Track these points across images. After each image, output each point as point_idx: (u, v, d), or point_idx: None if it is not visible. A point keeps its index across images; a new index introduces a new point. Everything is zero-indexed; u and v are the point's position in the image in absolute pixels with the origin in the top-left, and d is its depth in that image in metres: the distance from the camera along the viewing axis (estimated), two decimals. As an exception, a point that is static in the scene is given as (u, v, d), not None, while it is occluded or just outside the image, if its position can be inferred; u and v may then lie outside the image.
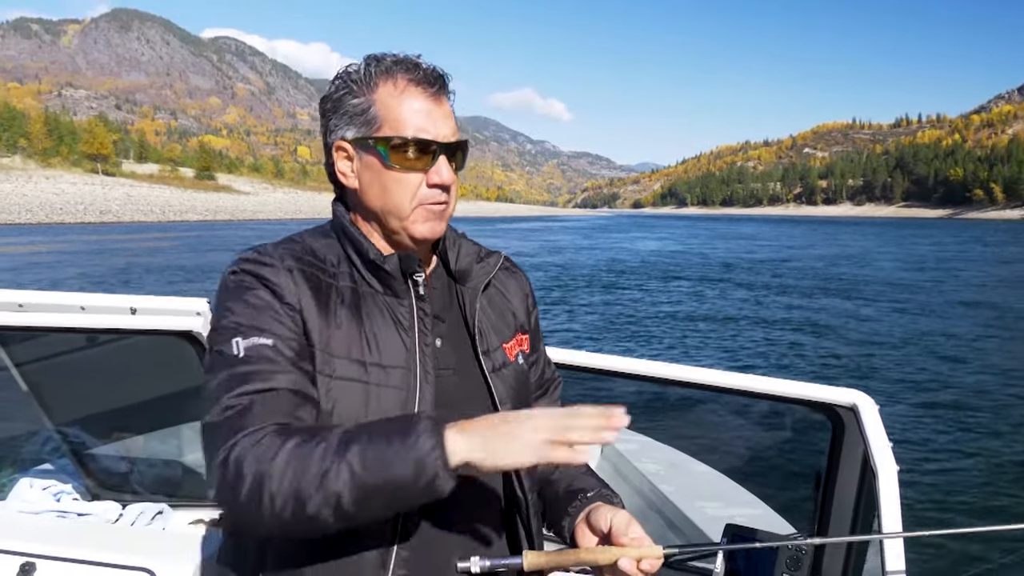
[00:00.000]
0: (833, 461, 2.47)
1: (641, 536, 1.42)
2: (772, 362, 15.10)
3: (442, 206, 1.54)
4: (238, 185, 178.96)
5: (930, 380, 13.26)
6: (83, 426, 3.12)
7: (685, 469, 4.08)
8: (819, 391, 2.34)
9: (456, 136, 1.53)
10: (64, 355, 2.88)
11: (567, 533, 1.60)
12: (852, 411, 2.28)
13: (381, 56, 1.53)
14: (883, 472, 1.96)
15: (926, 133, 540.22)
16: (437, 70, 1.53)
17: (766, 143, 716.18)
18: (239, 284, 1.46)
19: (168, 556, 2.39)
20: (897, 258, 46.39)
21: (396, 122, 1.49)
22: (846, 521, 2.47)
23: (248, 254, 1.50)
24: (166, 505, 3.03)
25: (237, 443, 1.29)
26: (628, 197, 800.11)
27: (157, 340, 2.61)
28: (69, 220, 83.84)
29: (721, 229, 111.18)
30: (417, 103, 1.49)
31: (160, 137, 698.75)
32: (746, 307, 23.71)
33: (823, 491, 2.52)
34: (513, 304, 1.75)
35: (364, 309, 1.50)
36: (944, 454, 9.07)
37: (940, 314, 21.96)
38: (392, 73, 1.50)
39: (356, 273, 1.54)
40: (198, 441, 3.49)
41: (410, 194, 1.51)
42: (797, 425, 3.19)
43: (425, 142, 1.49)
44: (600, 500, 1.60)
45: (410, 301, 1.54)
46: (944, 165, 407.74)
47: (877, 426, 2.14)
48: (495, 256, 1.73)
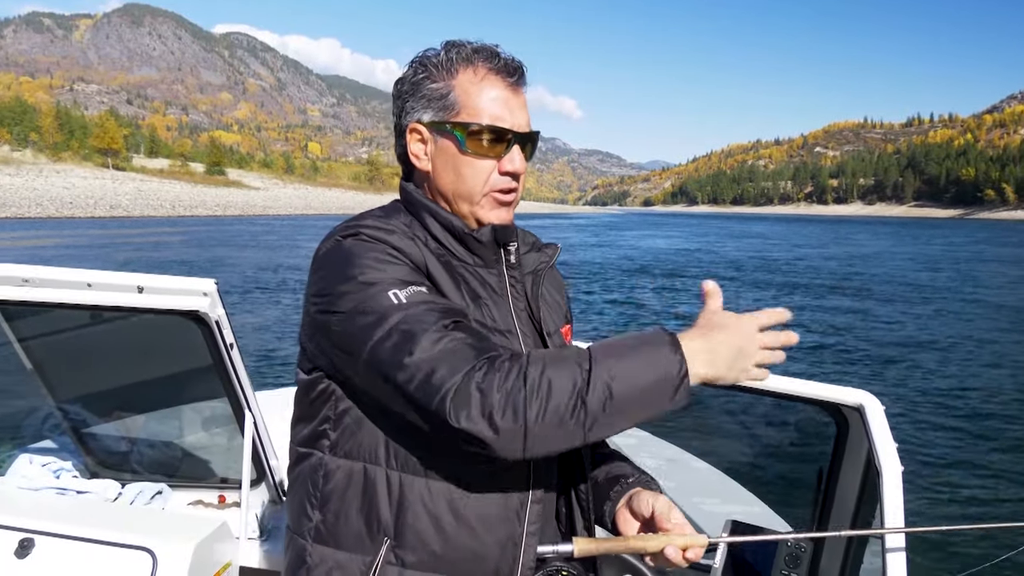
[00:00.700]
0: (836, 461, 2.46)
1: (682, 522, 1.45)
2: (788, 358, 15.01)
3: (511, 194, 1.58)
4: (248, 181, 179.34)
5: (937, 382, 13.21)
6: (84, 404, 3.11)
7: (684, 466, 4.07)
8: (826, 390, 2.33)
9: (530, 127, 1.56)
10: (68, 332, 2.87)
11: (608, 518, 1.63)
12: (858, 411, 2.26)
13: (461, 43, 1.54)
14: (887, 472, 1.97)
15: (938, 133, 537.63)
16: (516, 60, 1.55)
17: (777, 142, 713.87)
18: (366, 247, 1.44)
19: (168, 536, 2.38)
20: (909, 258, 46.27)
21: (474, 109, 1.51)
22: (846, 521, 2.45)
23: (362, 221, 1.50)
24: (165, 485, 3.03)
25: (462, 378, 1.28)
26: (638, 195, 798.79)
27: (163, 320, 2.59)
28: (79, 214, 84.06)
29: (732, 228, 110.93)
30: (495, 91, 1.52)
31: (171, 132, 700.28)
32: (756, 305, 23.58)
33: (824, 490, 2.51)
34: (557, 293, 1.80)
35: (470, 279, 1.55)
36: (948, 456, 9.04)
37: (951, 316, 21.90)
38: (473, 61, 1.52)
39: (441, 246, 1.56)
40: (199, 422, 3.55)
41: (482, 180, 1.54)
42: (799, 424, 3.17)
43: (501, 130, 1.51)
44: (640, 486, 1.63)
45: (500, 269, 1.59)
46: (956, 165, 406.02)
47: (883, 427, 2.13)
48: (552, 247, 1.77)
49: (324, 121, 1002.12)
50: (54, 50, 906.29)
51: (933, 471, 8.50)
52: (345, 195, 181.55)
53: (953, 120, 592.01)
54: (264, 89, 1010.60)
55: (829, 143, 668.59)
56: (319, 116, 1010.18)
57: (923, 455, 8.94)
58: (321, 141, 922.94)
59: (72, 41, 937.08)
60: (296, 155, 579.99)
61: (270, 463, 2.87)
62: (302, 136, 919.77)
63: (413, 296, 1.37)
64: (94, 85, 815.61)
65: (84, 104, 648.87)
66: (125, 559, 2.30)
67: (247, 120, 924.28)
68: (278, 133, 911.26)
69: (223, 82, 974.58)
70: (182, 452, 3.29)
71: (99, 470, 3.11)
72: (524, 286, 1.65)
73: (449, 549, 1.45)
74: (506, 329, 1.53)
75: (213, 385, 2.72)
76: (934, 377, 13.53)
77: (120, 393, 3.14)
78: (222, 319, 2.52)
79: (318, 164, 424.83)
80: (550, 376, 1.27)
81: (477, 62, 1.53)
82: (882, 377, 13.51)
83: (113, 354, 3.02)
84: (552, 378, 1.27)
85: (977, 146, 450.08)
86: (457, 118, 1.52)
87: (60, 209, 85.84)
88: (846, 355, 15.61)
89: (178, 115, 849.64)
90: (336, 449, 1.50)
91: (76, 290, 2.56)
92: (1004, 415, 11.12)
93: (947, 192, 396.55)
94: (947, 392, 12.39)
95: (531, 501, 1.48)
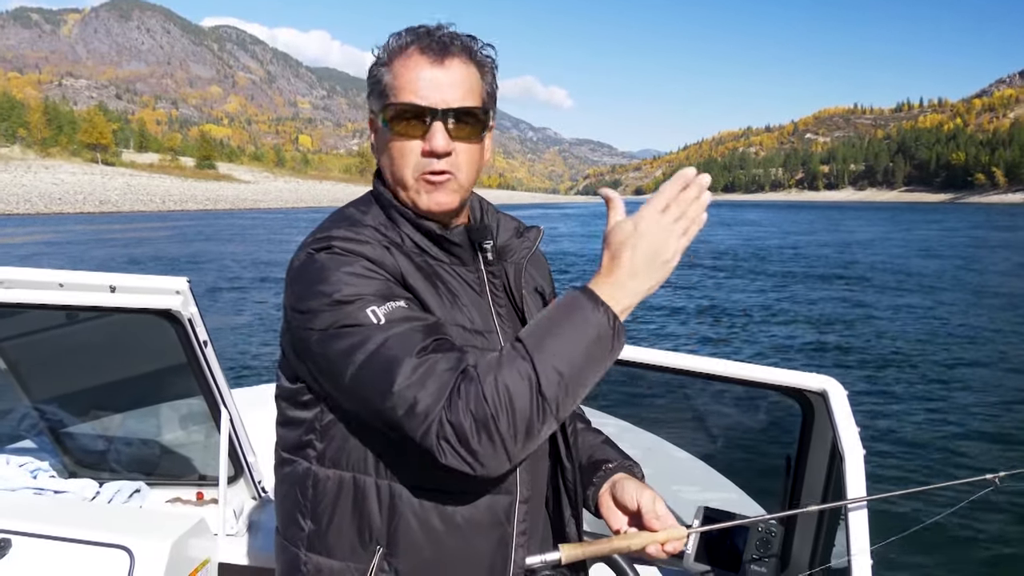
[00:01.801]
0: (803, 446, 2.49)
1: (666, 515, 1.45)
2: (760, 348, 15.16)
3: (441, 176, 1.48)
4: (239, 174, 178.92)
5: (906, 366, 13.32)
6: (61, 403, 3.11)
7: (662, 453, 4.09)
8: (790, 376, 2.36)
9: (464, 103, 1.46)
10: (42, 332, 2.87)
11: (592, 503, 1.64)
12: (822, 396, 2.29)
13: (408, 28, 1.51)
14: (850, 456, 1.99)
15: (928, 117, 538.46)
16: (445, 35, 1.48)
17: (768, 129, 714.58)
18: (338, 261, 1.40)
19: (145, 534, 2.39)
20: (902, 245, 46.22)
21: (399, 90, 1.45)
22: (815, 503, 2.48)
23: (334, 232, 1.45)
24: (143, 483, 3.03)
25: (441, 409, 1.29)
26: (630, 184, 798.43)
27: (136, 318, 2.59)
28: (68, 210, 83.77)
29: (724, 215, 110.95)
30: (419, 70, 1.45)
31: (161, 126, 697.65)
32: (743, 295, 23.71)
33: (793, 475, 2.53)
34: (542, 277, 1.76)
35: (448, 280, 1.51)
36: (914, 439, 9.22)
37: (942, 304, 21.93)
38: (407, 43, 1.47)
39: (416, 246, 1.52)
40: (176, 420, 3.55)
41: (410, 163, 1.47)
42: (771, 410, 3.20)
43: (416, 107, 1.44)
44: (622, 471, 1.63)
45: (478, 267, 1.56)
46: (946, 149, 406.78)
47: (846, 411, 2.16)
48: (534, 230, 1.72)
49: (314, 113, 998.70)
50: (42, 45, 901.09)
51: (899, 453, 8.69)
52: (336, 187, 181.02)
53: (942, 105, 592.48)
54: (254, 82, 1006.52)
55: (819, 129, 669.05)
56: (309, 108, 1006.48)
57: (891, 438, 9.14)
58: (312, 134, 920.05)
59: (60, 36, 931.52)
60: (287, 148, 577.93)
61: (247, 460, 2.88)
62: (292, 129, 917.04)
63: (392, 313, 1.35)
64: (83, 80, 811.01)
65: (73, 99, 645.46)
66: (102, 558, 2.30)
67: (237, 113, 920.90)
68: (268, 126, 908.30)
69: (212, 75, 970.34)
70: (160, 450, 3.29)
71: (77, 470, 3.11)
72: (506, 279, 1.62)
73: (441, 555, 1.45)
74: (486, 330, 1.50)
75: (189, 383, 2.72)
76: (904, 361, 13.69)
77: (96, 392, 3.14)
78: (195, 317, 2.52)
79: (309, 157, 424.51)
80: (505, 383, 1.27)
81: (410, 44, 1.47)
82: (856, 361, 13.64)
83: (88, 353, 3.02)
84: (508, 384, 1.27)
85: (967, 130, 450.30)
86: (388, 102, 1.47)
87: (49, 205, 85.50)
88: (821, 342, 15.70)
89: (168, 109, 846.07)
90: (324, 459, 1.49)
91: (48, 291, 2.56)
92: (978, 390, 11.44)
93: (937, 176, 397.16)
94: (913, 376, 12.54)
95: (519, 501, 1.47)
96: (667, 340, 15.74)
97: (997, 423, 9.71)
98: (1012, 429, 9.37)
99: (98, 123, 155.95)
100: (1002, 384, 11.56)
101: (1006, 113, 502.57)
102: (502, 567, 1.48)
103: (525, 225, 1.73)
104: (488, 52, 1.54)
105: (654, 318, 18.47)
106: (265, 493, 2.92)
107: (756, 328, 17.19)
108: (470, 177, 1.52)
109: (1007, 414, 10.02)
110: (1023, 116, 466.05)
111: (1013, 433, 9.21)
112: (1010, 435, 9.14)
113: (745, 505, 3.30)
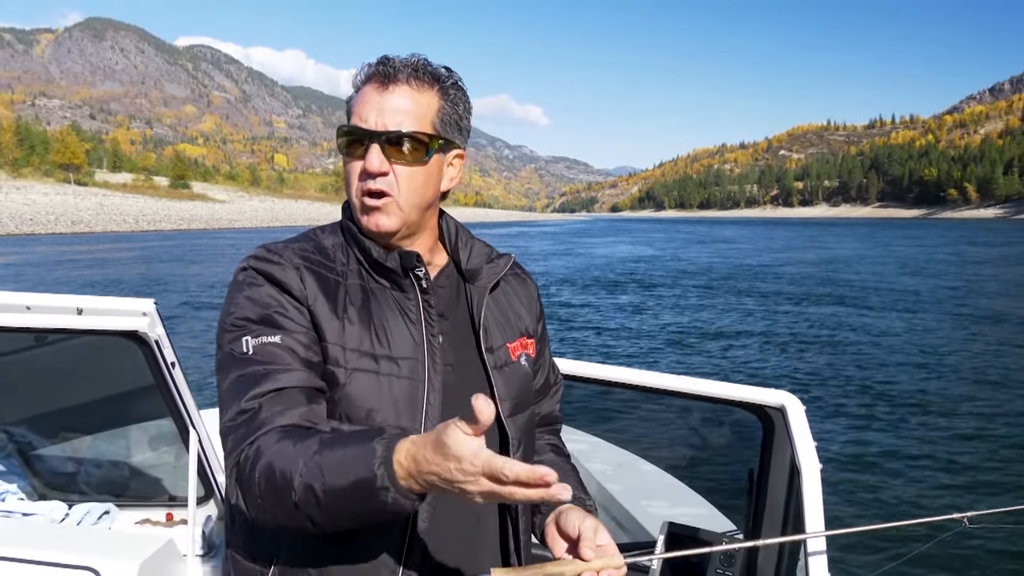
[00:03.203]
0: (765, 460, 2.53)
1: (607, 544, 1.43)
2: (735, 366, 15.26)
3: (376, 199, 1.53)
4: (213, 193, 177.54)
5: (870, 382, 13.43)
6: (29, 426, 3.12)
7: (632, 469, 4.14)
8: (750, 392, 2.41)
9: (401, 127, 1.50)
10: (10, 355, 2.87)
11: (538, 531, 1.63)
12: (780, 411, 2.34)
13: (375, 60, 1.56)
14: (807, 471, 2.01)
15: (900, 134, 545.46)
16: (399, 64, 1.52)
17: (742, 145, 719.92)
18: (247, 281, 1.50)
19: (113, 555, 2.40)
20: (880, 263, 46.38)
21: (351, 116, 1.53)
22: (778, 518, 2.52)
23: (257, 251, 1.54)
24: (112, 505, 3.04)
25: (244, 449, 1.35)
26: (606, 201, 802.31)
27: (104, 340, 2.61)
28: (40, 231, 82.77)
29: (701, 232, 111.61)
30: (367, 96, 1.51)
31: (135, 146, 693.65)
32: (716, 313, 23.87)
33: (756, 490, 2.58)
34: (519, 308, 1.77)
35: (373, 304, 1.53)
36: (875, 453, 9.25)
37: (922, 321, 22.21)
38: (366, 74, 1.54)
39: (363, 270, 1.57)
40: (145, 441, 3.55)
41: (354, 184, 1.55)
42: (736, 426, 3.26)
43: (357, 131, 1.51)
44: (574, 503, 1.58)
45: (415, 295, 1.56)
46: (918, 165, 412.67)
47: (803, 426, 2.19)
48: (505, 258, 1.75)
49: (290, 132, 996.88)
50: (15, 65, 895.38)
51: (857, 469, 8.72)
52: (311, 206, 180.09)
53: (914, 121, 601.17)
54: (229, 101, 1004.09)
55: (793, 146, 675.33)
56: (285, 127, 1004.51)
57: (854, 454, 9.16)
58: (287, 153, 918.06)
59: (33, 56, 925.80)
60: (262, 167, 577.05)
61: (217, 480, 2.89)
62: (268, 148, 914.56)
63: (258, 350, 1.42)
64: (56, 100, 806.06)
65: (46, 119, 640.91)
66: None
67: (212, 133, 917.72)
68: (244, 145, 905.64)
69: (187, 95, 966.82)
70: (129, 471, 3.30)
71: (46, 492, 3.12)
72: (468, 304, 1.66)
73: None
74: (404, 356, 1.50)
75: (158, 404, 2.74)
76: (866, 377, 13.83)
77: (65, 414, 3.15)
78: (162, 338, 2.54)
79: (284, 176, 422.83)
80: (272, 469, 1.30)
81: (367, 74, 1.54)
82: (821, 379, 13.78)
83: (57, 376, 3.03)
84: (275, 471, 1.29)
85: (938, 147, 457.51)
86: (340, 127, 1.55)
87: (20, 226, 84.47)
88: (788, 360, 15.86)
89: (142, 129, 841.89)
90: None
91: (15, 313, 2.57)
92: (941, 411, 11.47)
93: (910, 192, 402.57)
94: (875, 392, 12.65)
95: (411, 530, 1.47)
96: (637, 359, 15.83)
97: (967, 447, 9.61)
98: (979, 460, 9.11)
99: (71, 143, 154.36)
100: (974, 412, 11.38)
101: (976, 129, 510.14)
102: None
103: (498, 252, 1.76)
104: (450, 80, 1.57)
105: (623, 336, 18.58)
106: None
107: (728, 348, 17.27)
108: (411, 200, 1.54)
109: (976, 440, 9.90)
110: (993, 132, 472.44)
111: (980, 465, 8.94)
112: (977, 466, 8.90)
113: (713, 519, 3.34)
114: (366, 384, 1.46)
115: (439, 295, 1.62)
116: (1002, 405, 11.73)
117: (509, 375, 1.65)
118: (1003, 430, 10.36)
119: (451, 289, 1.67)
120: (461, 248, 1.69)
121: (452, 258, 1.70)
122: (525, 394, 1.70)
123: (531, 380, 1.74)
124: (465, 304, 1.67)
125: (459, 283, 1.69)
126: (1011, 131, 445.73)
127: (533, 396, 1.77)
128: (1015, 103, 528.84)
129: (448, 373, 1.55)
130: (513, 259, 1.78)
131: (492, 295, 1.69)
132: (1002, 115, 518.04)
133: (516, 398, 1.65)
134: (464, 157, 1.66)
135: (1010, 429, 10.40)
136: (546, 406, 1.89)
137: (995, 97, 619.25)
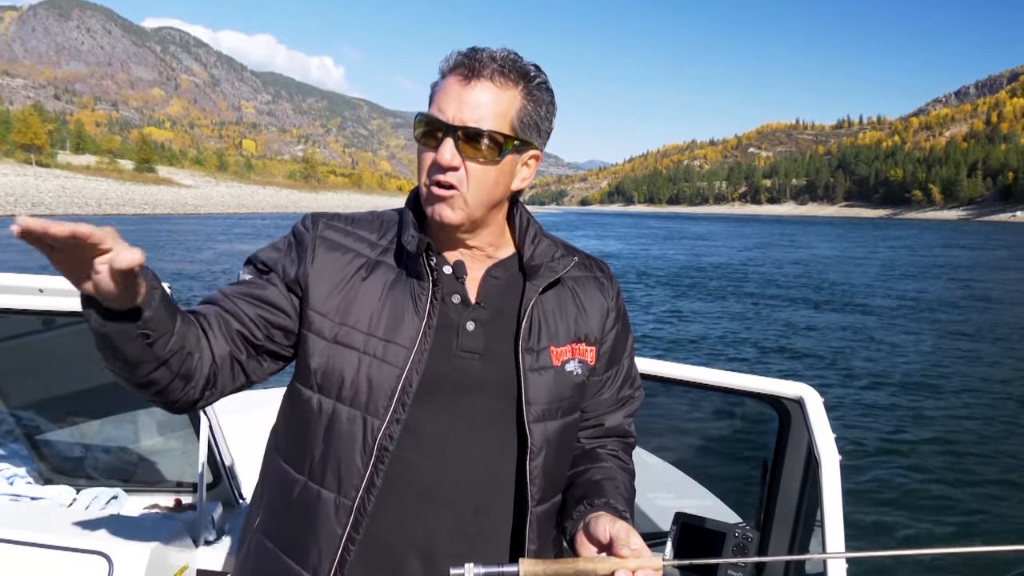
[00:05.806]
0: (780, 452, 2.57)
1: (641, 547, 1.40)
2: (730, 356, 15.38)
3: (443, 190, 1.51)
4: (179, 178, 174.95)
5: (879, 375, 13.58)
6: (38, 410, 3.08)
7: (637, 461, 4.14)
8: (767, 384, 2.44)
9: (480, 124, 1.47)
10: (20, 337, 2.84)
11: (568, 536, 1.59)
12: (799, 403, 2.37)
13: (462, 50, 1.54)
14: (826, 462, 2.01)
15: (867, 134, 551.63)
16: (485, 58, 1.49)
17: (712, 142, 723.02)
18: (290, 232, 1.64)
19: (123, 540, 2.38)
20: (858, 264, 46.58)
21: (431, 105, 1.52)
22: (791, 510, 2.56)
23: (314, 213, 1.66)
24: (120, 490, 3.01)
25: None
26: (576, 195, 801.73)
27: None
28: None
29: (671, 228, 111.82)
30: (449, 88, 1.49)
31: (100, 128, 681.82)
32: (705, 304, 23.98)
33: (769, 481, 2.61)
34: (586, 312, 1.69)
35: (393, 286, 1.55)
36: (888, 446, 9.31)
37: (894, 314, 22.42)
38: (452, 63, 1.52)
39: (397, 252, 1.59)
40: (154, 426, 3.52)
41: (424, 172, 1.53)
42: (746, 417, 3.28)
43: (433, 121, 1.49)
44: (606, 510, 1.55)
45: (427, 283, 1.55)
46: (884, 166, 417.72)
47: (822, 418, 2.21)
48: (568, 259, 1.68)
49: (259, 118, 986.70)
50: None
51: (873, 460, 8.75)
52: (280, 193, 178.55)
53: (881, 122, 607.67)
54: (197, 85, 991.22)
55: (762, 144, 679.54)
56: (254, 113, 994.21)
57: (864, 445, 9.21)
58: (256, 138, 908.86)
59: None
60: (230, 152, 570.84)
61: (226, 466, 2.88)
62: (236, 133, 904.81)
63: (241, 278, 1.59)
64: (19, 79, 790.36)
65: (9, 99, 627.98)
66: (80, 564, 2.29)
67: (180, 117, 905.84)
68: (212, 130, 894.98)
69: (155, 78, 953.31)
70: (137, 457, 3.27)
71: (54, 476, 3.09)
72: (514, 299, 1.63)
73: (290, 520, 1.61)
74: (391, 340, 1.53)
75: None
76: (874, 370, 13.97)
77: (74, 398, 3.11)
78: None
79: (252, 162, 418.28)
80: None
81: (453, 64, 1.51)
82: (828, 370, 13.89)
83: (66, 359, 3.00)
84: None
85: (904, 148, 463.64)
86: (418, 114, 1.55)
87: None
88: (792, 350, 16.01)
89: (108, 111, 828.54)
90: None
91: (28, 295, 2.54)
92: (943, 399, 11.69)
93: (876, 192, 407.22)
94: (886, 385, 12.79)
95: (347, 501, 1.52)
96: (648, 348, 15.86)
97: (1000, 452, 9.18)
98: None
99: (32, 123, 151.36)
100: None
101: (942, 132, 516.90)
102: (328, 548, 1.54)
103: (565, 252, 1.70)
104: (537, 80, 1.55)
105: (635, 326, 18.56)
106: (243, 499, 2.92)
107: (736, 343, 17.33)
108: (478, 197, 1.52)
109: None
110: (958, 135, 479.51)
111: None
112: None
113: (720, 512, 3.37)
114: (343, 358, 1.51)
115: (487, 284, 1.61)
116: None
117: (547, 378, 1.59)
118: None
119: (506, 281, 1.64)
120: (527, 244, 1.65)
121: (519, 252, 1.67)
122: (563, 402, 1.62)
123: (578, 389, 1.66)
124: (518, 299, 1.62)
125: (517, 277, 1.65)
126: (975, 134, 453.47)
127: (587, 406, 1.73)
128: (980, 107, 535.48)
129: (468, 361, 1.56)
130: (577, 260, 1.70)
131: (551, 294, 1.65)
132: (967, 118, 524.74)
133: (549, 404, 1.59)
134: (540, 158, 1.63)
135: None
136: (611, 419, 1.78)
137: (960, 100, 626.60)
